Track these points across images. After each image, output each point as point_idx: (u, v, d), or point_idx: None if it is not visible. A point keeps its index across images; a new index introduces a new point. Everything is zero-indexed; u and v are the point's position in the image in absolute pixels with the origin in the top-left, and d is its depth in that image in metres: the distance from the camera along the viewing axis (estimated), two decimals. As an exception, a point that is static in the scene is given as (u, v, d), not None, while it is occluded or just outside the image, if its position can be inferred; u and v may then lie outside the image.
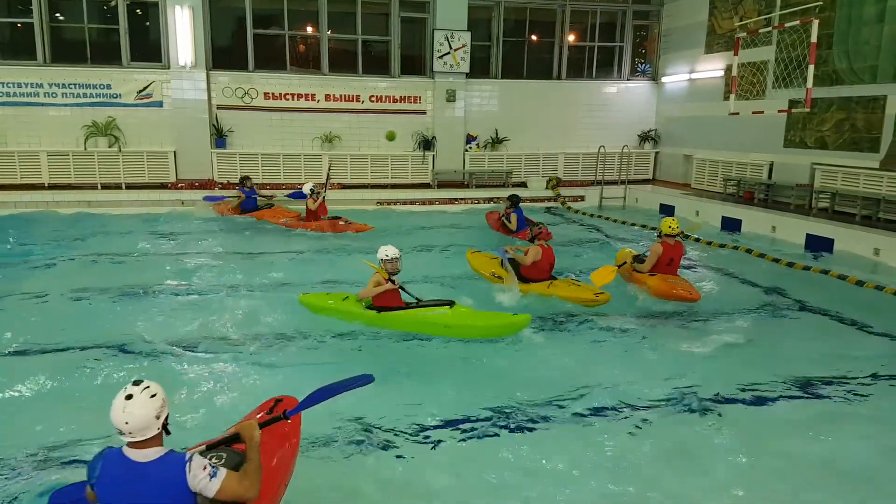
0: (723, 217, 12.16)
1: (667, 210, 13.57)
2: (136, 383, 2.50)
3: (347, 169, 14.76)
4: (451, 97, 15.02)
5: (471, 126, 15.48)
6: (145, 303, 7.16)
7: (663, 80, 16.27)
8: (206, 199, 12.86)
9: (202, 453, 2.83)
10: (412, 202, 14.12)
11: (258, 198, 12.37)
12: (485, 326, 6.06)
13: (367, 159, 14.81)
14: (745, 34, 11.99)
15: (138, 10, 14.05)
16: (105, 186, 13.41)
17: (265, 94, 14.43)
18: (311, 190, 11.25)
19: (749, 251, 9.95)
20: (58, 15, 13.85)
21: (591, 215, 13.68)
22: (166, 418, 2.53)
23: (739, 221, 11.79)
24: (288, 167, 14.47)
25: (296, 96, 14.59)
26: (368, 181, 14.78)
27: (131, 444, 2.46)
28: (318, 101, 14.67)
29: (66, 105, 13.44)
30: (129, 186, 13.50)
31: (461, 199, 14.30)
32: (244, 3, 14.04)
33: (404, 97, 15.06)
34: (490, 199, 14.16)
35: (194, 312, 6.79)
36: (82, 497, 2.70)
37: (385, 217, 12.65)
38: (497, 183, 15.27)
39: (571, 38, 16.23)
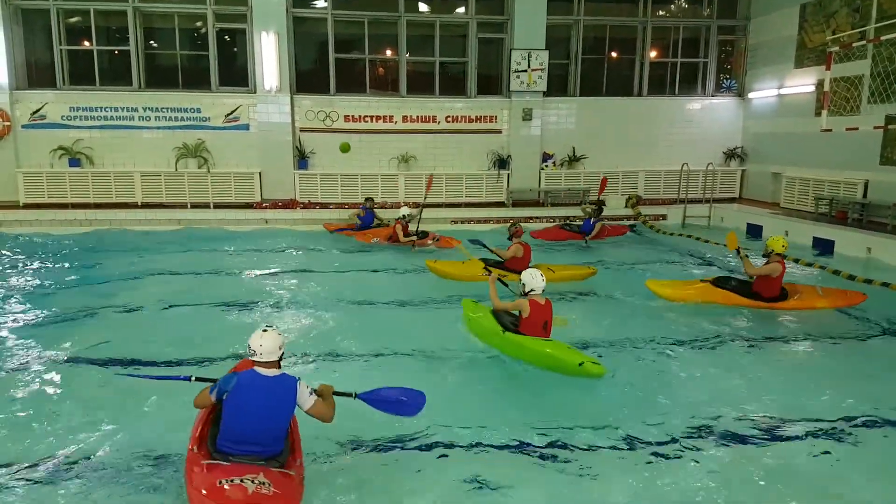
0: (814, 238, 11.52)
1: (754, 230, 12.93)
2: (269, 327, 3.78)
3: (422, 188, 14.82)
4: (527, 116, 14.90)
5: (547, 144, 15.29)
6: (236, 314, 7.39)
7: (750, 95, 15.64)
8: (336, 231, 12.60)
9: None
10: (486, 220, 14.03)
11: (375, 219, 12.63)
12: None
13: (441, 178, 14.85)
14: (837, 48, 11.42)
15: (227, 37, 14.72)
16: (194, 206, 13.97)
17: (345, 116, 14.74)
18: (404, 216, 11.46)
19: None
20: (152, 42, 14.69)
21: (673, 234, 13.18)
22: (282, 354, 3.75)
23: (832, 242, 11.12)
24: (366, 187, 14.67)
25: (374, 118, 14.84)
26: (443, 200, 14.80)
27: (259, 364, 3.65)
28: (396, 122, 14.86)
29: (158, 128, 14.15)
30: (217, 206, 14.02)
31: (536, 217, 14.07)
32: (327, 29, 14.47)
33: (480, 117, 15.06)
34: (566, 219, 13.85)
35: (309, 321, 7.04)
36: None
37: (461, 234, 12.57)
38: (574, 201, 14.94)
39: (653, 54, 15.86)
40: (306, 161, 14.60)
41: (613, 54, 16.00)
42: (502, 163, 14.90)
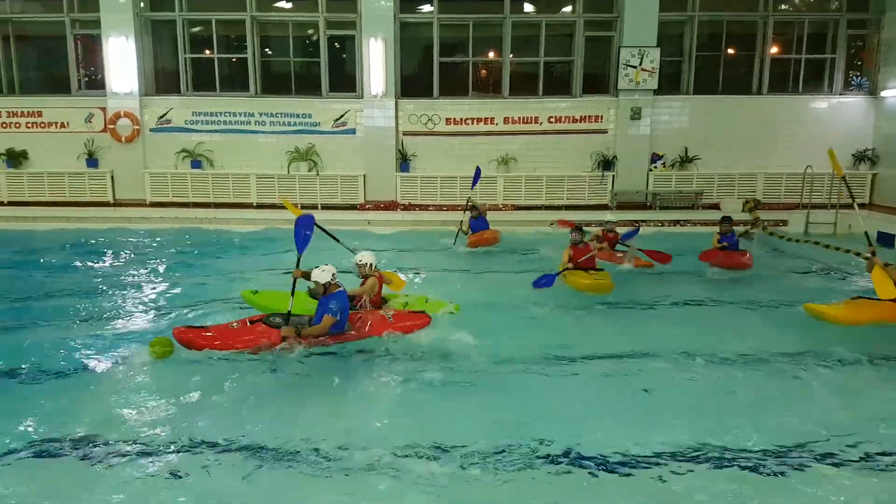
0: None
1: (885, 239, 11.76)
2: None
3: (521, 190, 14.63)
4: (636, 115, 14.37)
5: (657, 144, 14.67)
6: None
7: (883, 94, 14.34)
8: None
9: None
10: (588, 224, 13.56)
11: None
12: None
13: (541, 180, 14.57)
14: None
15: (336, 44, 15.18)
16: (303, 206, 14.42)
17: (447, 119, 14.80)
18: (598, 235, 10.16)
19: None
20: (267, 50, 15.37)
21: (797, 241, 12.21)
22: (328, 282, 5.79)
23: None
24: (465, 189, 14.60)
25: (475, 120, 14.80)
26: (543, 202, 14.51)
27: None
28: (497, 123, 14.75)
29: (272, 133, 14.76)
30: (324, 207, 14.43)
31: (643, 221, 13.47)
32: (432, 33, 14.62)
33: (585, 117, 14.67)
34: (677, 223, 13.17)
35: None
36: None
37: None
38: (685, 205, 14.23)
39: (774, 50, 14.89)
40: (408, 164, 14.77)
41: (730, 51, 15.16)
42: (607, 164, 14.44)
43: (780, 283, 9.22)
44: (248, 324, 5.98)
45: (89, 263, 9.95)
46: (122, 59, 14.20)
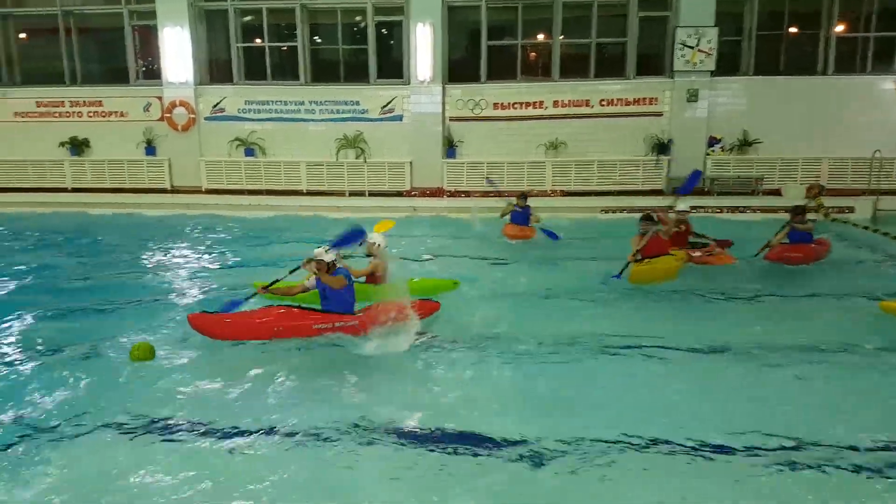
0: None
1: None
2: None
3: (571, 175, 14.35)
4: (692, 97, 13.89)
5: (714, 128, 14.15)
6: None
7: (961, 71, 13.44)
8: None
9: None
10: (642, 210, 13.16)
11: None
12: None
13: (592, 165, 14.26)
14: None
15: (384, 30, 15.15)
16: (351, 194, 14.57)
17: (494, 104, 14.61)
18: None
19: None
20: (316, 38, 15.47)
21: (866, 228, 11.58)
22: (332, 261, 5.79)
23: None
24: (511, 175, 14.43)
25: (524, 105, 14.57)
26: (594, 188, 14.20)
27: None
28: (546, 107, 14.48)
29: (322, 120, 14.88)
30: (371, 194, 14.49)
31: (700, 206, 13.01)
32: (480, 17, 14.42)
33: (638, 99, 14.25)
34: (736, 209, 12.69)
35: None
36: None
37: (618, 226, 11.91)
38: (744, 190, 13.70)
39: (840, 28, 14.11)
40: (454, 150, 14.67)
41: (793, 29, 14.45)
42: (662, 148, 14.02)
43: (850, 275, 8.66)
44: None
45: (149, 247, 10.30)
46: (177, 49, 14.56)
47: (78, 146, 15.16)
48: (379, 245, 6.98)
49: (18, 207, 13.77)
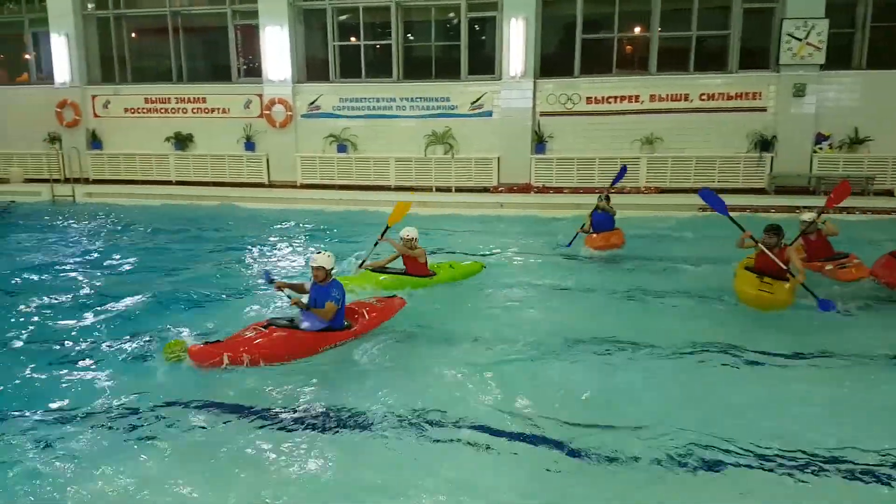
0: None
1: None
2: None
3: (667, 172, 14.00)
4: (799, 92, 13.28)
5: (822, 124, 13.51)
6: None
7: None
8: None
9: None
10: (742, 209, 12.72)
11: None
12: None
13: (690, 161, 13.86)
14: None
15: (476, 26, 15.19)
16: (438, 189, 14.72)
17: (587, 98, 14.42)
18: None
19: None
20: (409, 35, 15.67)
21: None
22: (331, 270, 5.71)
23: None
24: (603, 171, 14.19)
25: (618, 99, 14.31)
26: (691, 185, 13.79)
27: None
28: (642, 102, 14.17)
29: (412, 117, 15.09)
30: (458, 190, 14.59)
31: (805, 207, 12.43)
32: (575, 10, 14.23)
33: (741, 94, 13.75)
34: (844, 209, 12.03)
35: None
36: None
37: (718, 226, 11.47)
38: (854, 190, 12.97)
39: (967, 15, 13.18)
40: (544, 145, 14.57)
41: (912, 18, 13.59)
42: (765, 144, 13.50)
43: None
44: (261, 328, 5.56)
45: (249, 238, 10.71)
46: (277, 48, 15.06)
47: (182, 141, 15.96)
48: (413, 238, 7.49)
49: (129, 199, 14.53)
